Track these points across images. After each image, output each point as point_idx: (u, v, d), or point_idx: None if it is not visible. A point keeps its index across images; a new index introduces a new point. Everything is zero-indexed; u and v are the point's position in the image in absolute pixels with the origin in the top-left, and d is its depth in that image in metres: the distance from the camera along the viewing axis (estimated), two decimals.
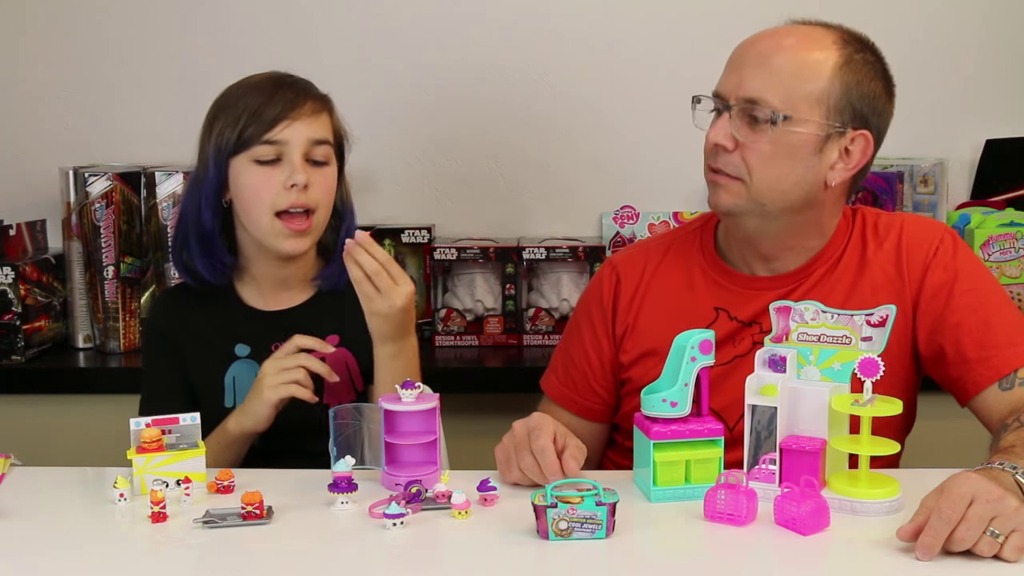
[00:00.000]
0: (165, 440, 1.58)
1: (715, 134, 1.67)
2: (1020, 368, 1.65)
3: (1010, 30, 2.62)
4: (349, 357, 1.82)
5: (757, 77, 1.64)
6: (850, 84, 1.65)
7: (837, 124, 1.65)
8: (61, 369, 2.40)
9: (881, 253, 1.73)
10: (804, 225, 1.71)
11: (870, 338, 1.53)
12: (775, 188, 1.66)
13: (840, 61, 1.65)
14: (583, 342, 1.84)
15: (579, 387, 1.84)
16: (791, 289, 1.73)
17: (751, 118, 1.64)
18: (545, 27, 2.59)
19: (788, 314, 1.57)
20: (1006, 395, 1.64)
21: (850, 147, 1.67)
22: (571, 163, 2.64)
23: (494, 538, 1.43)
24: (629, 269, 1.83)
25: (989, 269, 1.80)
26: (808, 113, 1.63)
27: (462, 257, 2.47)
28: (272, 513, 1.49)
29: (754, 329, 1.73)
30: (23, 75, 2.62)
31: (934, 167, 2.51)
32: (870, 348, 1.52)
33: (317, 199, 1.77)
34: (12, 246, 2.46)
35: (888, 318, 1.52)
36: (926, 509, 1.35)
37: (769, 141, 1.63)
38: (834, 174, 1.67)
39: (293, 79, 1.82)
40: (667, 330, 1.66)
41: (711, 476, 1.51)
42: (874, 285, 1.71)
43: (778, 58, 1.65)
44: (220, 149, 1.76)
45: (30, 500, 1.57)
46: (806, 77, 1.64)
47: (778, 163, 1.64)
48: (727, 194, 1.68)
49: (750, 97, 1.64)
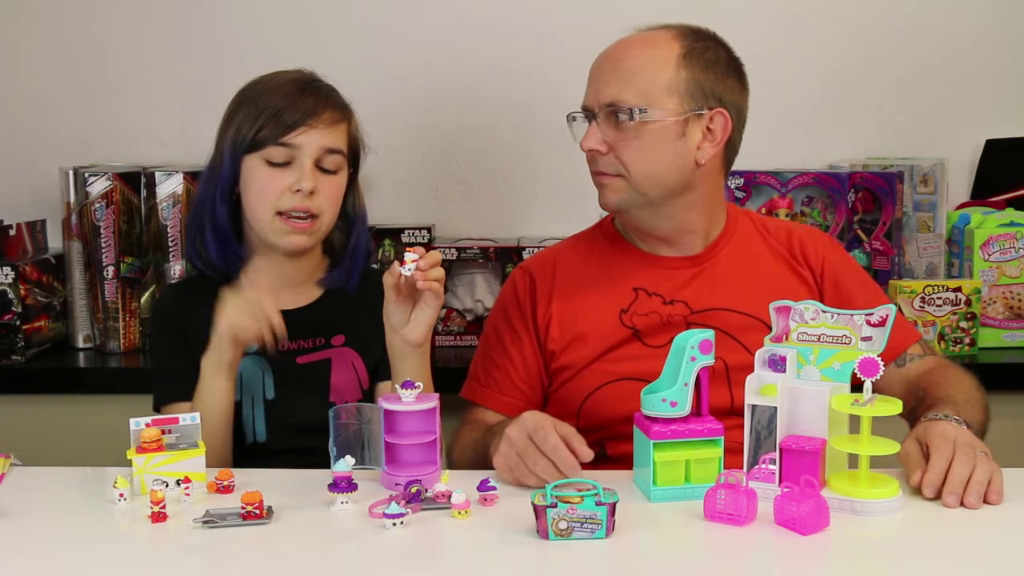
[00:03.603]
0: (165, 440, 1.58)
1: (587, 141, 1.80)
2: (909, 347, 1.86)
3: (1010, 30, 2.62)
4: (355, 357, 1.84)
5: (611, 83, 1.78)
6: (695, 69, 1.78)
7: (693, 107, 1.77)
8: (61, 369, 2.40)
9: (778, 245, 1.90)
10: (691, 206, 1.83)
11: (870, 338, 1.53)
12: (652, 176, 1.78)
13: (682, 51, 1.78)
14: (503, 343, 1.89)
15: (502, 385, 1.88)
16: (703, 267, 1.86)
17: (615, 120, 1.77)
18: (545, 27, 2.60)
19: (788, 314, 1.57)
20: (901, 372, 1.84)
21: (711, 126, 1.79)
22: (571, 163, 2.61)
23: (494, 538, 1.43)
24: (539, 267, 1.93)
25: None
26: (663, 103, 1.76)
27: (462, 257, 2.47)
28: (272, 513, 1.49)
29: (680, 308, 1.83)
30: (23, 75, 2.62)
31: (934, 167, 2.51)
32: (870, 348, 1.52)
33: (321, 206, 1.78)
34: (12, 246, 2.46)
35: (888, 318, 1.53)
36: (915, 456, 1.54)
37: (635, 136, 1.76)
38: (702, 153, 1.79)
39: (318, 85, 1.83)
40: (591, 313, 1.85)
41: (711, 476, 1.51)
42: (783, 273, 1.87)
43: (626, 62, 1.78)
44: (236, 145, 1.78)
45: (30, 500, 1.57)
46: (654, 71, 1.77)
47: (648, 153, 1.77)
48: (612, 192, 1.81)
49: (609, 101, 1.77)
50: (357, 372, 1.83)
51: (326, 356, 1.84)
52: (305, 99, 1.77)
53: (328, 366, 1.85)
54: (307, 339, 1.85)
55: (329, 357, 1.84)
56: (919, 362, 1.85)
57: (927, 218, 2.52)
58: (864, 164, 2.54)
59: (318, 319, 1.85)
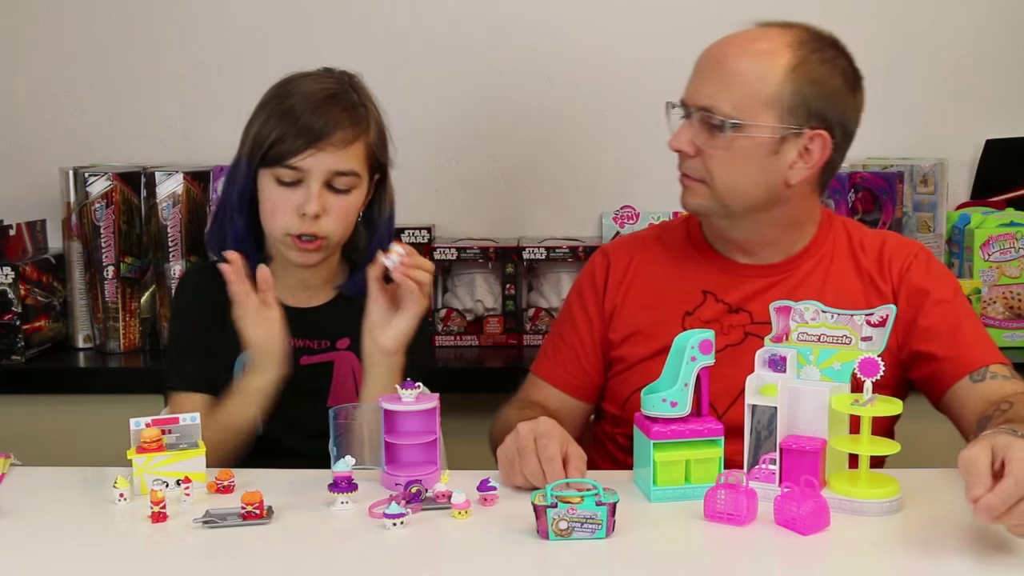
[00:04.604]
0: (165, 440, 1.58)
1: (676, 141, 1.73)
2: (991, 364, 1.69)
3: (1010, 30, 2.62)
4: (355, 362, 1.83)
5: (709, 85, 1.69)
6: (803, 85, 1.66)
7: (792, 126, 1.67)
8: (61, 369, 2.40)
9: (868, 264, 1.78)
10: (774, 222, 1.75)
11: (870, 338, 1.53)
12: (735, 190, 1.70)
13: (793, 63, 1.66)
14: (574, 322, 1.88)
15: (568, 365, 1.87)
16: (779, 280, 1.77)
17: (708, 124, 1.68)
18: (545, 27, 2.59)
19: (788, 314, 1.57)
20: (978, 387, 1.67)
21: (809, 146, 1.69)
22: (571, 163, 2.64)
23: (494, 538, 1.43)
24: (619, 253, 1.89)
25: (959, 283, 1.84)
26: (760, 118, 1.66)
27: (462, 257, 2.47)
28: (272, 513, 1.49)
29: (743, 318, 1.77)
30: (23, 75, 2.62)
31: (934, 167, 2.51)
32: (870, 348, 1.52)
33: (328, 229, 1.77)
34: (12, 246, 2.46)
35: (888, 318, 1.53)
36: (982, 468, 1.30)
37: (724, 147, 1.68)
38: (794, 173, 1.70)
39: (337, 99, 1.78)
40: (655, 311, 1.79)
41: (711, 476, 1.51)
42: (867, 292, 1.75)
43: (729, 63, 1.68)
44: (252, 155, 1.78)
45: (30, 500, 1.57)
46: (756, 80, 1.66)
47: (735, 167, 1.69)
48: (693, 195, 1.74)
49: (703, 105, 1.68)
50: (356, 380, 1.83)
51: (328, 359, 1.84)
52: (317, 119, 1.74)
53: (330, 370, 1.85)
54: (313, 339, 1.85)
55: (332, 360, 1.84)
56: (1002, 382, 1.67)
57: (927, 218, 2.51)
58: (864, 164, 2.53)
59: (327, 320, 1.86)
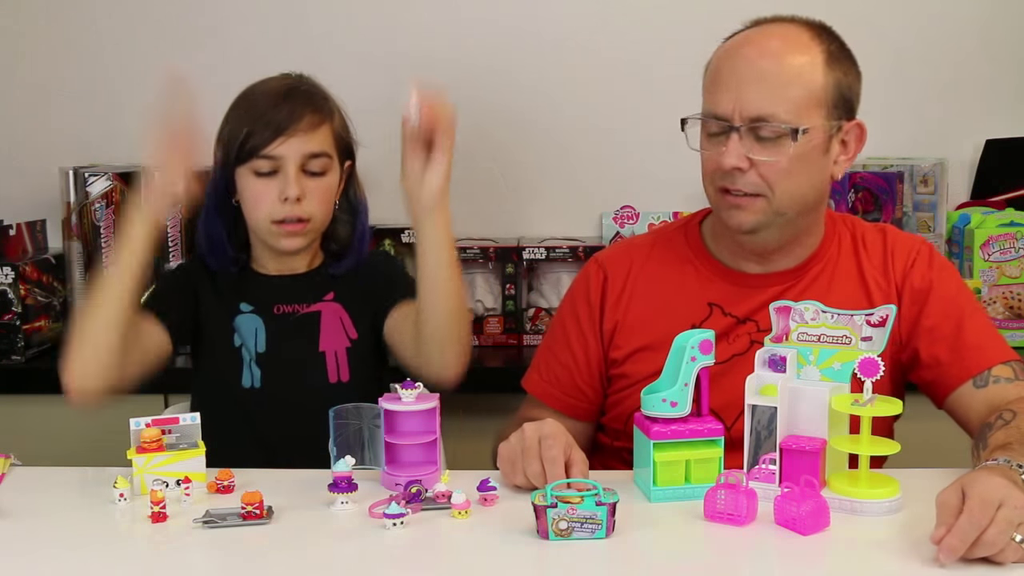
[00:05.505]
0: (165, 440, 1.58)
1: (729, 158, 1.62)
2: (994, 367, 1.67)
3: (1010, 30, 2.62)
4: (340, 311, 1.93)
5: (757, 93, 1.61)
6: (839, 77, 1.65)
7: (835, 120, 1.66)
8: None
9: (870, 263, 1.75)
10: (810, 222, 1.73)
11: (870, 338, 1.53)
12: (795, 196, 1.66)
13: (824, 56, 1.65)
14: (568, 339, 1.83)
15: (563, 384, 1.82)
16: (787, 287, 1.73)
17: (759, 135, 1.62)
18: (545, 29, 2.59)
19: (788, 314, 1.57)
20: (980, 392, 1.66)
21: (846, 138, 1.69)
22: (571, 163, 2.64)
23: (494, 538, 1.43)
24: (616, 265, 1.82)
25: (962, 278, 1.81)
26: (813, 117, 1.63)
27: (462, 257, 2.46)
28: (272, 513, 1.49)
29: (750, 327, 1.73)
30: (23, 75, 2.62)
31: (934, 167, 2.51)
32: (870, 348, 1.52)
33: (311, 210, 1.86)
34: (12, 246, 2.46)
35: (888, 318, 1.53)
36: (950, 509, 1.30)
37: (784, 155, 1.62)
38: (838, 168, 1.70)
39: (297, 91, 1.88)
40: (660, 325, 1.72)
41: (711, 476, 1.51)
42: (868, 293, 1.73)
43: (772, 69, 1.62)
44: (226, 158, 1.87)
45: (30, 500, 1.57)
46: (807, 81, 1.63)
47: (796, 174, 1.64)
48: (750, 214, 1.66)
49: (756, 116, 1.61)
50: (344, 324, 1.92)
51: (316, 310, 1.93)
52: (282, 108, 1.83)
53: (317, 318, 1.93)
54: (299, 304, 1.93)
55: (319, 310, 1.93)
56: (1005, 385, 1.64)
57: (927, 218, 2.51)
58: (864, 164, 2.53)
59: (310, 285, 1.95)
